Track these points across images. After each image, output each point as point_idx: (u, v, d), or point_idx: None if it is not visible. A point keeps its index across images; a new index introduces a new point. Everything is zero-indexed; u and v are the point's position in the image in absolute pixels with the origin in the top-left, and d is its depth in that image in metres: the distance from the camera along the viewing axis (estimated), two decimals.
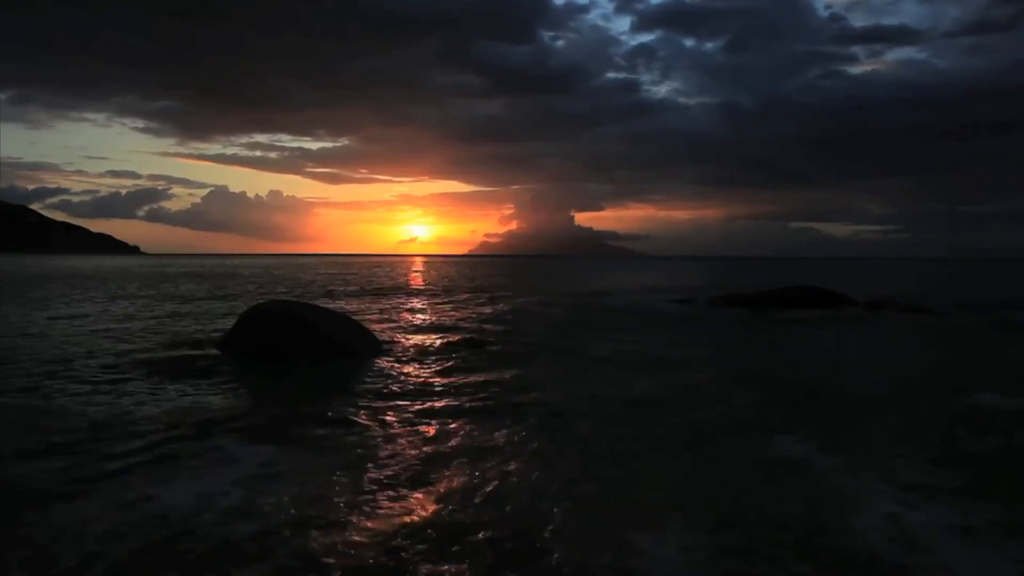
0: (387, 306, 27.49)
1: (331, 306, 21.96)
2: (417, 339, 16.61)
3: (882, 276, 65.29)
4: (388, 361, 13.22)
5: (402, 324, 20.63)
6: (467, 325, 20.04)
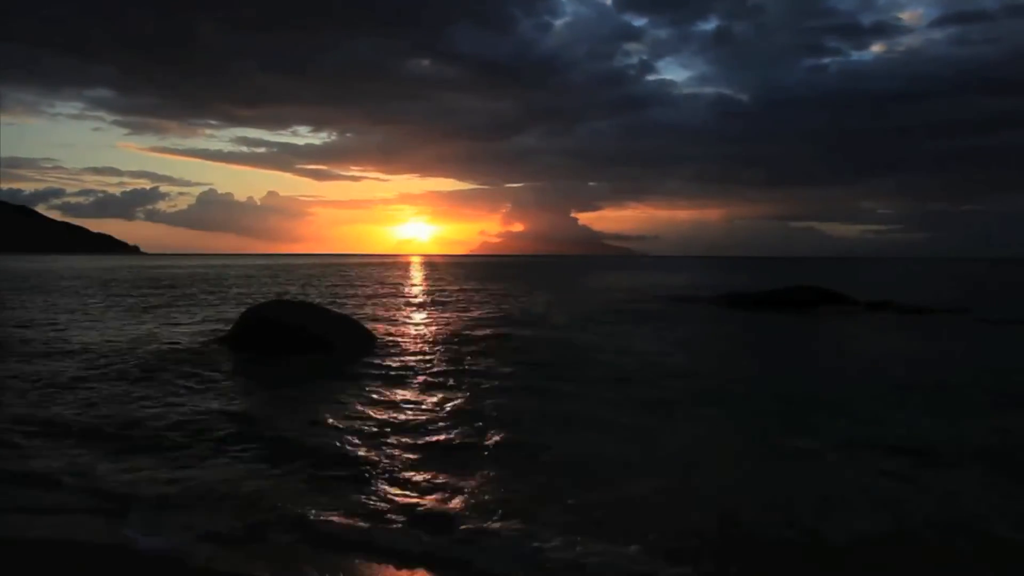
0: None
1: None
2: (413, 336, 16.60)
3: (886, 277, 65.06)
4: (377, 357, 13.23)
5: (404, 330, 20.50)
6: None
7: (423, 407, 9.13)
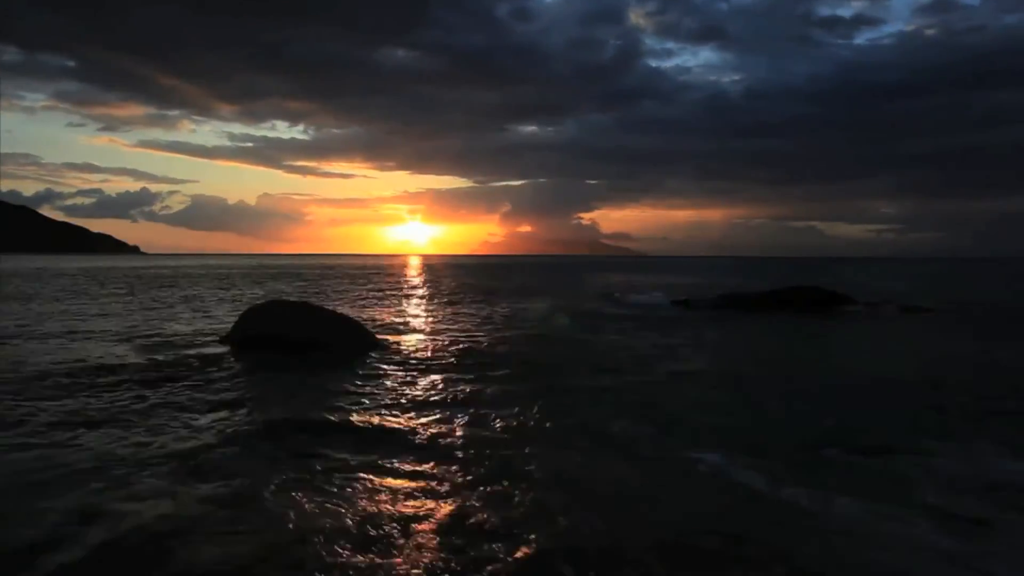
0: None
1: None
2: (411, 336, 16.64)
3: (888, 277, 64.98)
4: (375, 357, 13.27)
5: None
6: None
7: (420, 407, 9.14)
